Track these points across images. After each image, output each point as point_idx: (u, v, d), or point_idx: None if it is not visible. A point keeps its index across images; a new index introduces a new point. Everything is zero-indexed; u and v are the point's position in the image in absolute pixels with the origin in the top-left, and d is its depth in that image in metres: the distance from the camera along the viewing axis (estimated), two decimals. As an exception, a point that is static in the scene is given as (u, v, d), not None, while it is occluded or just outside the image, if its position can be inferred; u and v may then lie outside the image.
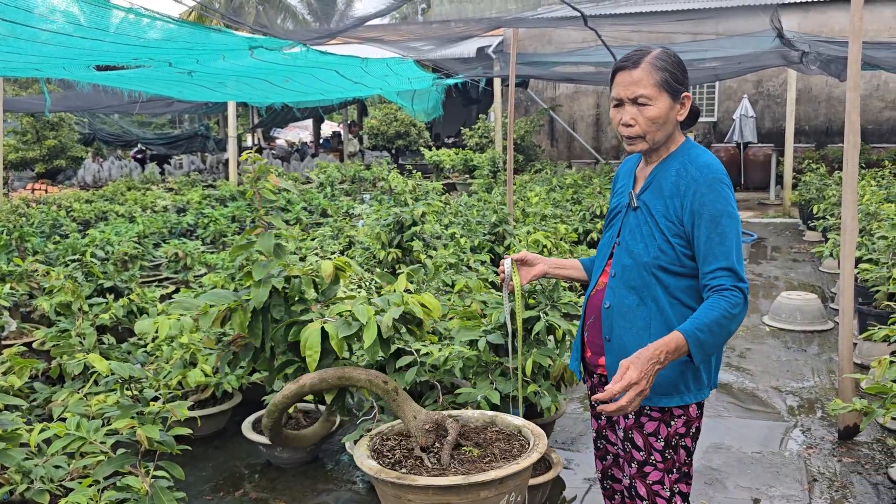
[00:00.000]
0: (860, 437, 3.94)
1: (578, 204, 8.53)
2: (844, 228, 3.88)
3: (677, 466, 2.11)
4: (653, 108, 2.02)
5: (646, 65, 2.03)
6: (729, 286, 1.91)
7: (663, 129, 2.06)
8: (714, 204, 1.97)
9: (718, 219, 1.96)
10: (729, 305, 1.89)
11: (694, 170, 2.04)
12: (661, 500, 2.11)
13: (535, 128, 17.37)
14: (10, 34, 4.93)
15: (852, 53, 3.76)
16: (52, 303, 3.93)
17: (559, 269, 2.37)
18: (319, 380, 2.07)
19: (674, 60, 2.06)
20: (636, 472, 2.13)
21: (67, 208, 9.50)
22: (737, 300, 1.90)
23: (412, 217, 5.18)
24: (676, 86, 2.05)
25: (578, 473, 3.63)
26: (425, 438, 1.92)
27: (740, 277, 1.94)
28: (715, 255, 1.95)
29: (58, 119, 17.59)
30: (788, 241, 10.40)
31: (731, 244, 1.96)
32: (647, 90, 2.02)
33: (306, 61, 6.96)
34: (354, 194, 11.90)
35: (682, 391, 2.05)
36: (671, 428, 2.08)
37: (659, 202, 2.07)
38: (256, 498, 3.47)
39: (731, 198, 2.01)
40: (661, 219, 2.05)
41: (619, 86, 2.05)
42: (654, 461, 2.09)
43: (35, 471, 2.43)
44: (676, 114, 2.08)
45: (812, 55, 8.04)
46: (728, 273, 1.93)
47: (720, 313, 1.88)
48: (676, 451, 2.10)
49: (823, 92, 16.22)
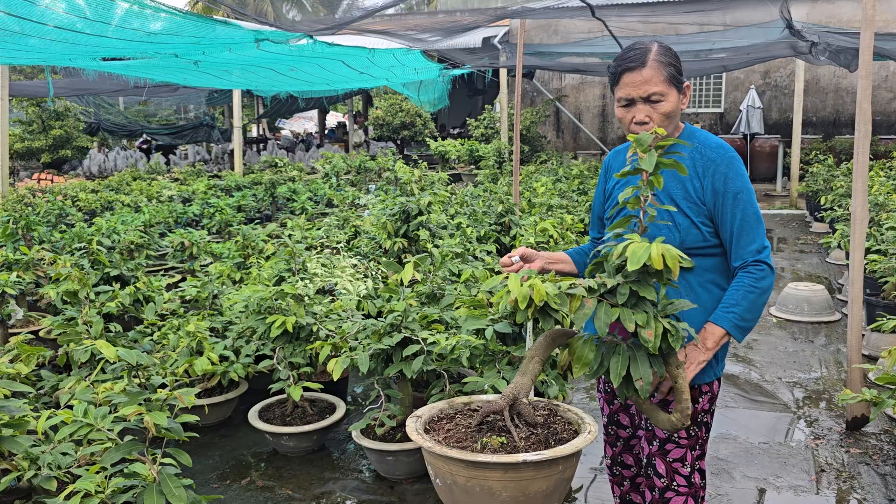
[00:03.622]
0: (868, 427, 3.92)
1: (584, 195, 8.50)
2: (854, 217, 3.85)
3: (699, 443, 2.14)
4: (665, 103, 2.06)
5: (653, 62, 2.06)
6: (761, 260, 2.03)
7: (674, 121, 2.11)
8: (735, 181, 2.05)
9: (741, 195, 2.04)
10: (755, 280, 2.01)
11: (709, 151, 2.09)
12: (679, 478, 2.13)
13: (541, 118, 17.31)
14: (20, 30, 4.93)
15: (864, 41, 3.72)
16: (58, 291, 3.93)
17: (552, 263, 2.37)
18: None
19: (673, 54, 2.12)
20: (657, 450, 2.14)
21: (73, 198, 9.50)
22: (763, 273, 2.02)
23: (419, 207, 5.17)
24: (680, 77, 2.11)
25: (585, 463, 3.62)
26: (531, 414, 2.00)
27: (768, 252, 2.07)
28: (750, 236, 2.04)
29: (63, 109, 17.60)
30: (795, 232, 10.35)
31: (760, 222, 2.07)
32: (659, 87, 2.05)
33: (312, 52, 6.94)
34: (360, 185, 11.88)
35: (714, 366, 2.12)
36: (698, 405, 2.11)
37: (677, 186, 2.09)
38: (263, 486, 3.48)
39: (746, 174, 2.11)
40: (682, 202, 2.08)
41: (629, 86, 2.07)
42: (678, 438, 2.12)
43: (42, 457, 2.43)
44: (681, 104, 2.13)
45: (821, 45, 7.97)
46: (764, 251, 2.04)
47: (751, 290, 2.00)
48: (700, 427, 2.13)
49: (831, 83, 16.12)
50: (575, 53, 10.99)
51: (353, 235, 6.46)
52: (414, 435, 1.97)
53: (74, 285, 3.85)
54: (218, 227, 8.00)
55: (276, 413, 3.88)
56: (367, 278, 4.93)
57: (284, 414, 3.85)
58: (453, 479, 1.89)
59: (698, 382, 2.10)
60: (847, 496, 3.28)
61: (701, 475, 2.16)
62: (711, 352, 2.00)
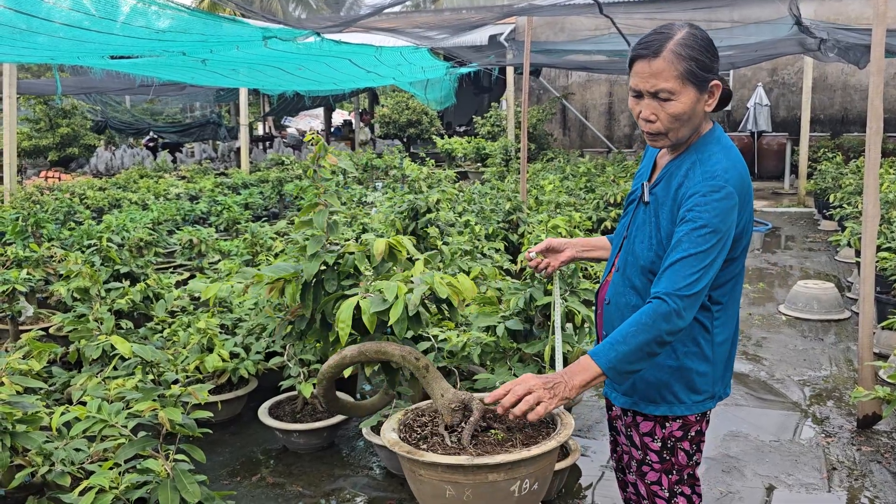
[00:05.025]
0: (879, 425, 3.91)
1: (592, 192, 8.49)
2: (866, 215, 3.83)
3: (676, 469, 1.99)
4: (675, 103, 1.79)
5: (668, 53, 1.77)
6: (678, 297, 1.73)
7: (688, 124, 1.83)
8: (703, 214, 1.75)
9: (699, 229, 1.75)
10: (653, 318, 1.73)
11: (697, 176, 1.82)
12: (660, 501, 2.03)
13: (548, 116, 17.29)
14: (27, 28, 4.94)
15: (876, 37, 3.70)
16: (69, 287, 3.94)
17: (587, 250, 2.24)
18: (359, 352, 2.12)
19: (702, 45, 1.80)
20: (636, 470, 2.06)
21: (81, 196, 9.53)
22: (668, 314, 1.71)
23: (427, 204, 5.16)
24: (704, 74, 1.79)
25: (595, 461, 3.62)
26: (451, 417, 1.93)
27: (692, 303, 1.74)
28: (683, 270, 1.74)
29: (70, 107, 17.66)
30: (803, 230, 10.31)
31: (704, 266, 1.73)
32: (670, 83, 1.77)
33: (320, 50, 6.94)
34: (366, 182, 11.89)
35: (671, 401, 1.92)
36: (666, 430, 1.96)
37: (667, 202, 1.87)
38: (273, 483, 3.48)
39: (725, 212, 1.76)
40: (664, 222, 1.86)
41: (638, 76, 1.81)
42: (651, 461, 2.00)
43: (56, 453, 2.44)
44: (704, 105, 1.83)
45: (830, 42, 7.94)
46: (687, 299, 1.74)
47: (645, 329, 1.72)
48: (674, 454, 1.98)
49: (839, 80, 16.04)
50: (582, 51, 10.96)
51: (361, 232, 6.46)
52: (388, 434, 1.98)
53: (85, 282, 3.86)
54: (226, 225, 8.01)
55: (286, 410, 3.89)
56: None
57: (294, 411, 3.86)
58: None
59: (653, 413, 1.94)
60: (859, 494, 3.27)
61: (688, 501, 2.02)
62: (578, 389, 1.72)
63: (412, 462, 1.83)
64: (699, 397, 1.93)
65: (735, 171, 1.81)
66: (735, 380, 4.64)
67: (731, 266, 1.89)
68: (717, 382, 1.95)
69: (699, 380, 1.91)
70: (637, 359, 1.72)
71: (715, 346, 1.92)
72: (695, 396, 1.92)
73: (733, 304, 1.96)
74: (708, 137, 1.88)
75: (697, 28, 1.84)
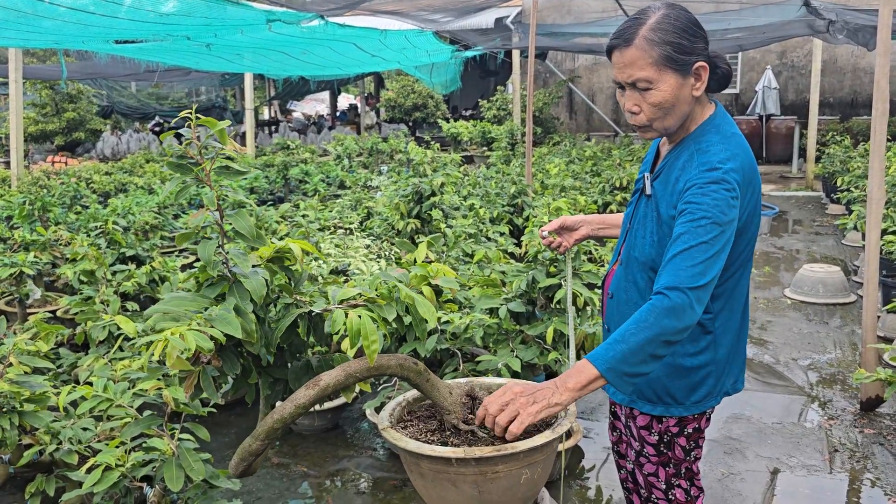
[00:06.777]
0: (882, 408, 3.92)
1: (598, 176, 8.46)
2: (871, 197, 3.82)
3: (674, 462, 1.97)
4: (655, 92, 1.70)
5: (640, 40, 1.68)
6: (682, 291, 1.60)
7: (673, 112, 1.74)
8: (701, 203, 1.66)
9: (699, 219, 1.65)
10: (656, 314, 1.59)
11: (695, 167, 1.72)
12: (657, 492, 2.02)
13: (554, 100, 17.21)
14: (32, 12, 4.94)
15: (883, 18, 3.67)
16: (76, 270, 3.96)
17: (603, 228, 2.15)
18: (345, 376, 1.66)
19: (678, 25, 1.70)
20: (634, 460, 2.05)
21: (87, 180, 9.56)
22: (672, 308, 1.58)
23: (431, 187, 5.17)
24: (683, 58, 1.69)
25: (598, 442, 3.64)
26: (462, 412, 1.87)
27: (699, 296, 1.62)
28: (685, 261, 1.62)
29: (76, 92, 17.67)
30: (811, 214, 10.27)
31: (709, 257, 1.62)
32: (645, 72, 1.68)
33: (324, 34, 6.93)
34: (372, 166, 11.88)
35: (669, 402, 1.88)
36: (662, 425, 1.93)
37: (666, 196, 1.79)
38: (278, 463, 3.52)
39: (724, 204, 1.66)
40: (665, 217, 1.78)
41: (615, 67, 1.73)
42: (648, 454, 1.98)
43: (63, 432, 2.48)
44: (691, 90, 1.73)
45: (839, 24, 7.87)
46: (693, 291, 1.61)
47: (646, 327, 1.59)
48: (671, 448, 1.95)
49: (849, 63, 15.90)
50: (588, 34, 10.89)
51: (365, 216, 6.47)
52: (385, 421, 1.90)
53: (92, 265, 3.88)
54: (231, 209, 8.03)
55: (290, 391, 3.91)
56: (381, 258, 4.94)
57: (299, 392, 3.88)
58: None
59: (650, 412, 1.91)
60: (860, 475, 3.28)
61: (685, 493, 1.99)
62: (572, 392, 1.57)
63: (413, 455, 1.76)
64: (698, 397, 1.88)
65: (735, 160, 1.71)
66: (739, 363, 4.65)
67: (733, 259, 1.81)
68: (720, 380, 1.89)
69: (698, 380, 1.87)
70: (639, 360, 1.57)
71: (715, 343, 1.86)
72: (693, 396, 1.88)
73: (737, 298, 1.88)
74: (707, 125, 1.79)
75: (676, 7, 1.74)
